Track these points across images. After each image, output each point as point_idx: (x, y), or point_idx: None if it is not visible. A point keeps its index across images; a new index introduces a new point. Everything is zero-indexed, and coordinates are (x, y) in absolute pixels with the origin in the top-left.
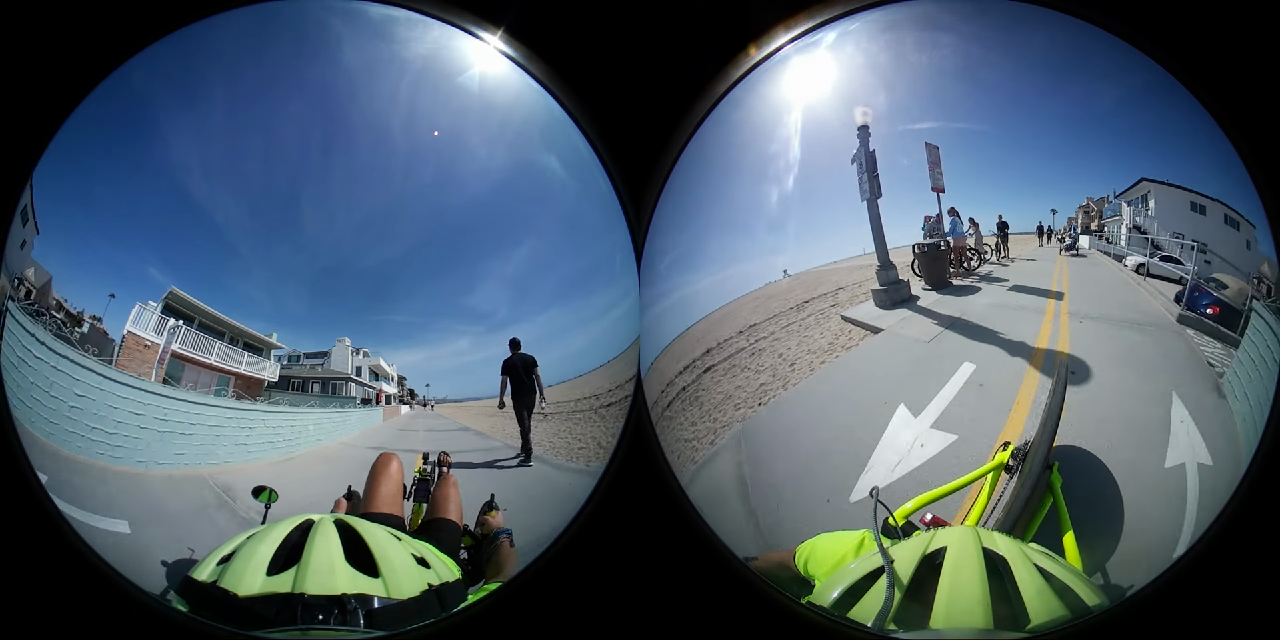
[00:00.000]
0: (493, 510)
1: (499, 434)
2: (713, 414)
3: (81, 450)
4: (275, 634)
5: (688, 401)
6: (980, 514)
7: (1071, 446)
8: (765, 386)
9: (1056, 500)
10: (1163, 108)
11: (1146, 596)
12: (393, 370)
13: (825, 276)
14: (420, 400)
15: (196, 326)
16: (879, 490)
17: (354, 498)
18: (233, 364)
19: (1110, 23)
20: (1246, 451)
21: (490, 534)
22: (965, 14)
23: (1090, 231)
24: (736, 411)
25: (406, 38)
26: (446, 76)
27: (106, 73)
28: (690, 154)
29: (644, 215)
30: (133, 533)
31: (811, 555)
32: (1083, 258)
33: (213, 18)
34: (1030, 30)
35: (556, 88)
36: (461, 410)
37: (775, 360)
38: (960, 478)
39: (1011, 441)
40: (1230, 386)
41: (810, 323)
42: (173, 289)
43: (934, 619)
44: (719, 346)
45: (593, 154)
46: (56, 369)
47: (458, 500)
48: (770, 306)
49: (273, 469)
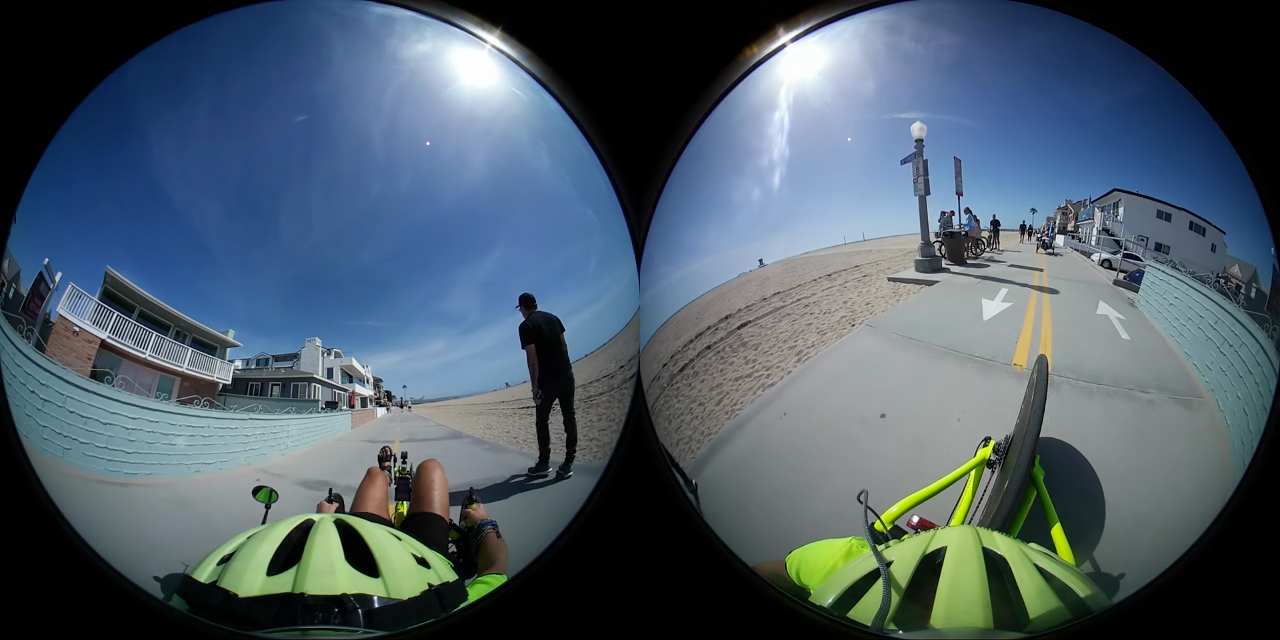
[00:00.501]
0: (474, 502)
1: (501, 436)
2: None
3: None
4: (275, 634)
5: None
6: (966, 511)
7: (1048, 438)
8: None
9: (1040, 493)
10: (1157, 114)
11: (1146, 596)
12: (368, 372)
13: (831, 260)
14: (398, 402)
15: (137, 317)
16: (867, 494)
17: (337, 500)
18: (175, 362)
19: (1112, 23)
20: (1245, 451)
21: (475, 526)
22: (968, 13)
23: (1066, 231)
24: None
25: (404, 37)
26: (445, 76)
27: (103, 75)
28: (690, 154)
29: (644, 215)
30: (133, 533)
31: (802, 565)
32: (1058, 256)
33: (210, 18)
34: (1029, 30)
35: (555, 87)
36: (441, 410)
37: (844, 303)
38: (944, 477)
39: (993, 437)
40: (1224, 386)
41: (868, 280)
42: (108, 269)
43: (934, 619)
44: (777, 296)
45: (593, 154)
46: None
47: (443, 489)
48: (802, 273)
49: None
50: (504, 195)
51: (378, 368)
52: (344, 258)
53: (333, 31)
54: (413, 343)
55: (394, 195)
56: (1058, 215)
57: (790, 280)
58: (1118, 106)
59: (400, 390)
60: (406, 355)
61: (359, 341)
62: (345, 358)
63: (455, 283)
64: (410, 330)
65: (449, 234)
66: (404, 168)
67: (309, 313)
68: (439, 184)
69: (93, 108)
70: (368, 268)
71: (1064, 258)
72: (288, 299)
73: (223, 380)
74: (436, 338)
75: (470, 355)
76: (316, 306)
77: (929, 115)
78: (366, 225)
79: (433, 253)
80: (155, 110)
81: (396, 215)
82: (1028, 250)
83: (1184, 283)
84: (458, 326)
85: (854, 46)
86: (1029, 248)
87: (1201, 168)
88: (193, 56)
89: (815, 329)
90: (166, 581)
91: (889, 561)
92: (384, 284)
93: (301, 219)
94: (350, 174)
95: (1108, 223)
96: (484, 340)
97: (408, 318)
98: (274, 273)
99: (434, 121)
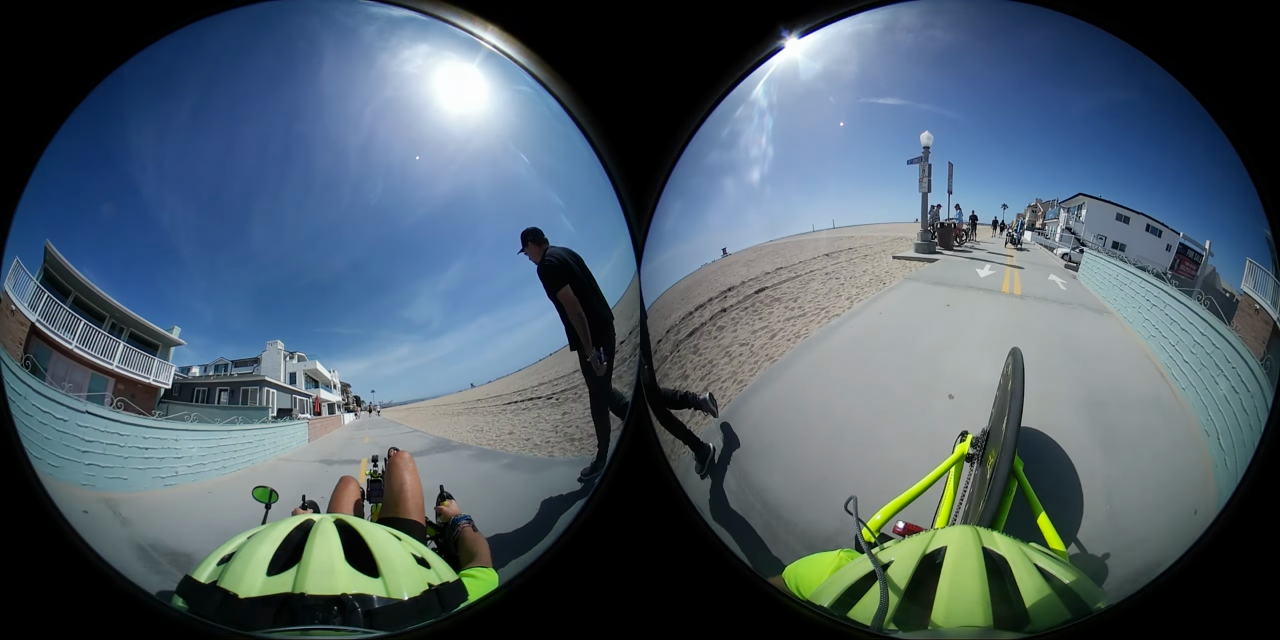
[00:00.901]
0: (447, 499)
1: (505, 439)
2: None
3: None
4: (275, 634)
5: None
6: (950, 509)
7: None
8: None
9: (1022, 484)
10: (1158, 114)
11: (1146, 596)
12: (334, 376)
13: (811, 246)
14: (366, 407)
15: (71, 303)
16: (856, 502)
17: (312, 507)
18: (105, 359)
19: (1110, 23)
20: (1245, 451)
21: (449, 522)
22: (970, 13)
23: (1034, 228)
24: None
25: (398, 41)
26: (436, 87)
27: (102, 76)
28: (690, 154)
29: (644, 215)
30: (132, 532)
31: (800, 581)
32: (1025, 250)
33: (214, 16)
34: (1026, 29)
35: (555, 87)
36: (412, 413)
37: (865, 271)
38: (925, 477)
39: (970, 431)
40: (1225, 383)
41: (871, 258)
42: (46, 243)
43: (934, 619)
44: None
45: (593, 154)
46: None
47: (415, 491)
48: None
49: None
50: (475, 207)
51: (345, 374)
52: (315, 264)
53: (327, 39)
54: (379, 349)
55: (365, 205)
56: (1028, 212)
57: (781, 260)
58: (1117, 106)
59: (369, 395)
60: (373, 361)
61: (326, 348)
62: (309, 362)
63: (419, 292)
64: (378, 337)
65: (416, 245)
66: (377, 177)
67: (275, 318)
68: (410, 196)
69: (94, 101)
70: (337, 275)
71: (1030, 252)
72: (255, 304)
73: (162, 384)
74: (401, 343)
75: (434, 359)
76: (283, 312)
77: (930, 109)
78: (338, 233)
79: (401, 262)
80: (140, 103)
81: (368, 223)
82: (998, 244)
83: (1109, 262)
84: (421, 332)
85: (856, 45)
86: (999, 241)
87: (1202, 169)
88: (188, 52)
89: (854, 284)
90: (167, 582)
91: (888, 562)
92: (353, 291)
93: (273, 224)
94: (324, 182)
95: (1071, 223)
96: (447, 345)
97: (374, 324)
98: (242, 277)
99: (413, 136)
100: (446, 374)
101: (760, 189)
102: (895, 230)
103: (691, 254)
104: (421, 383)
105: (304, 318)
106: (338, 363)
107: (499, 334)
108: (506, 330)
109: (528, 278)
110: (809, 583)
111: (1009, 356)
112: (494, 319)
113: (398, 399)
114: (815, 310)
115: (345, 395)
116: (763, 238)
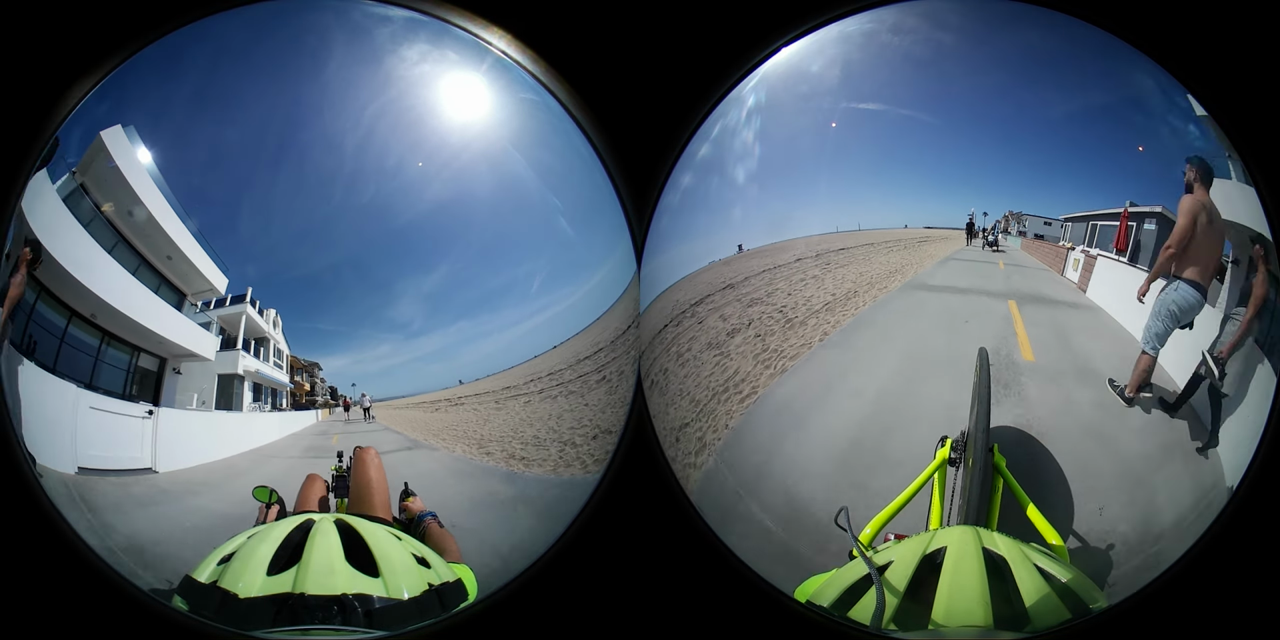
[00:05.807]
0: (411, 496)
1: (485, 438)
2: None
3: None
4: (275, 634)
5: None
6: (939, 515)
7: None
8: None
9: (1006, 479)
10: (1158, 115)
11: (1146, 596)
12: (277, 331)
13: (821, 244)
14: (359, 404)
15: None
16: (847, 512)
17: (279, 503)
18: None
19: (1104, 21)
20: (1245, 451)
21: (414, 518)
22: (972, 13)
23: (1008, 232)
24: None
25: (402, 37)
26: (439, 92)
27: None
28: (690, 153)
29: (644, 216)
30: (132, 533)
31: (806, 587)
32: (1001, 252)
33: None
34: (1020, 30)
35: (555, 87)
36: (384, 410)
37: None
38: (909, 486)
39: (949, 435)
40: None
41: (891, 251)
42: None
43: (934, 619)
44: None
45: (593, 154)
46: None
47: (380, 488)
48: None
49: None
50: (468, 210)
51: (325, 370)
52: (304, 259)
53: (337, 35)
54: (361, 346)
55: (355, 204)
56: (1005, 219)
57: (794, 255)
58: (1118, 106)
59: (349, 388)
60: (355, 358)
61: (309, 343)
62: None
63: (404, 292)
64: (359, 334)
65: (404, 246)
66: (369, 179)
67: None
68: (402, 198)
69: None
70: (322, 271)
71: (1008, 252)
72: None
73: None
74: (382, 342)
75: (412, 359)
76: (268, 304)
77: (931, 119)
78: (329, 229)
79: (386, 262)
80: (142, 86)
81: (359, 222)
82: (975, 246)
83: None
84: (403, 332)
85: (856, 45)
86: (976, 245)
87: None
88: (195, 39)
89: (885, 268)
90: (167, 581)
91: (888, 563)
92: (339, 288)
93: (262, 217)
94: (318, 179)
95: (1041, 228)
96: (428, 345)
97: (356, 322)
98: (232, 269)
99: (414, 137)
100: (424, 373)
101: (761, 188)
102: (892, 233)
103: (692, 254)
104: (398, 381)
105: (289, 311)
106: (321, 359)
107: (479, 337)
108: (485, 334)
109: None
110: (811, 585)
111: (977, 356)
112: (474, 323)
113: (377, 395)
114: (867, 283)
115: (310, 377)
116: (766, 238)
